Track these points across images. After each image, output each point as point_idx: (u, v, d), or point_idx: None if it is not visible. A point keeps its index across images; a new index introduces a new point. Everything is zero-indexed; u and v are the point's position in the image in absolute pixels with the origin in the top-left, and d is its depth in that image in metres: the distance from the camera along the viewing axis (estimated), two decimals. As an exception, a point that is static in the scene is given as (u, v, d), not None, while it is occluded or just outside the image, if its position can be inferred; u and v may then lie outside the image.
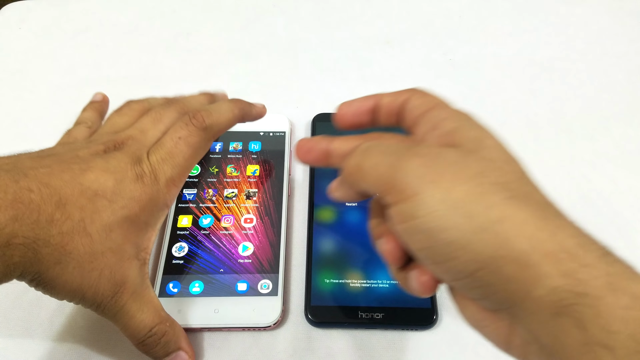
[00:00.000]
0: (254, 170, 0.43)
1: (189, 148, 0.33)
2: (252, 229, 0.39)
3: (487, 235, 0.20)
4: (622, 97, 0.49)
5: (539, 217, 0.21)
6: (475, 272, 0.21)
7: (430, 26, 0.56)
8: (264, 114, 0.40)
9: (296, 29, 0.56)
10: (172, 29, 0.56)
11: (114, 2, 0.59)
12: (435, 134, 0.25)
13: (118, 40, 0.55)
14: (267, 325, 0.35)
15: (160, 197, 0.32)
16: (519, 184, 0.22)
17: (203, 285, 0.37)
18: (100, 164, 0.31)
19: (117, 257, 0.30)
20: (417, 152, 0.23)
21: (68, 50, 0.54)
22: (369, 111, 0.29)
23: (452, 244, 0.21)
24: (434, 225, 0.21)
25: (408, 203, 0.22)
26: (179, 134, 0.33)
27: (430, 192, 0.21)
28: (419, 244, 0.22)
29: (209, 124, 0.35)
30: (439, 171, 0.22)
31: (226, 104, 0.37)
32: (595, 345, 0.18)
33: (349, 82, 0.51)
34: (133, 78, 0.51)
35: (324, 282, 0.37)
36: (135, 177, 0.31)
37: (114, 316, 0.30)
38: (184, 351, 0.33)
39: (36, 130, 0.47)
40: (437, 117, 0.26)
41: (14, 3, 0.58)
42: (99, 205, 0.29)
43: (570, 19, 0.56)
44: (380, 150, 0.25)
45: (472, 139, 0.24)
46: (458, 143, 0.24)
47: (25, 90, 0.51)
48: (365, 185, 0.25)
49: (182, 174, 0.33)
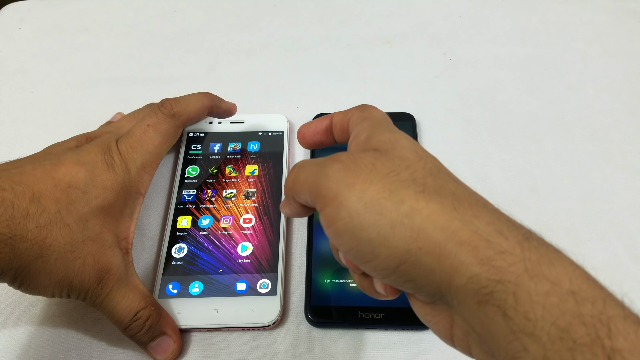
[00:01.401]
0: (252, 170, 0.43)
1: (158, 134, 0.34)
2: (251, 229, 0.39)
3: (402, 229, 0.21)
4: (622, 97, 0.49)
5: (452, 207, 0.21)
6: (398, 267, 0.22)
7: (430, 26, 0.56)
8: (234, 112, 0.42)
9: (296, 29, 0.56)
10: (172, 29, 0.56)
11: (114, 2, 0.59)
12: (355, 143, 0.27)
13: (118, 40, 0.55)
14: (267, 325, 0.35)
15: (132, 184, 0.33)
16: (431, 179, 0.23)
17: (202, 286, 0.37)
18: (72, 156, 0.31)
19: (97, 245, 0.31)
20: (337, 158, 0.25)
21: (68, 50, 0.54)
22: (325, 130, 0.31)
23: (372, 241, 0.22)
24: (354, 225, 0.22)
25: (331, 207, 0.23)
26: (148, 122, 0.35)
27: (348, 194, 0.22)
28: (345, 246, 0.23)
29: (177, 110, 0.36)
30: (355, 174, 0.23)
31: (195, 94, 0.39)
32: (519, 332, 0.19)
33: (349, 82, 0.51)
34: (133, 78, 0.51)
35: (324, 282, 0.37)
36: (106, 166, 0.32)
37: (101, 303, 0.31)
38: (168, 336, 0.34)
39: (36, 130, 0.47)
40: (359, 127, 0.28)
41: (14, 3, 0.58)
42: (73, 196, 0.30)
43: (570, 19, 0.56)
44: (312, 162, 0.26)
45: (385, 141, 0.25)
46: (374, 147, 0.25)
47: (25, 90, 0.51)
48: (302, 196, 0.26)
49: (153, 160, 0.34)
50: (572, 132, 0.46)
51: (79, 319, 0.36)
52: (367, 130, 0.27)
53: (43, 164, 0.30)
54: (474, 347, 0.23)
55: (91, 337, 0.36)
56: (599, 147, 0.45)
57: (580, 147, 0.45)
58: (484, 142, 0.46)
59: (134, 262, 0.39)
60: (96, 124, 0.47)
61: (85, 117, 0.48)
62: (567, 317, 0.18)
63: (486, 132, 0.47)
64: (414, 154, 0.24)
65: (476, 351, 0.22)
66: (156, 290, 0.37)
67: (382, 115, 0.29)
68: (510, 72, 0.51)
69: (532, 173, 0.44)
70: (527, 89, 0.50)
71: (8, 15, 0.57)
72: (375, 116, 0.28)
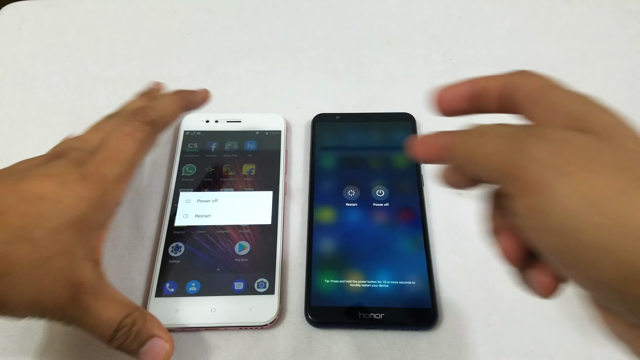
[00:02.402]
0: (250, 169, 0.43)
1: (136, 143, 0.33)
2: (248, 228, 0.39)
3: (635, 242, 0.17)
4: (622, 97, 0.49)
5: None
6: (619, 283, 0.18)
7: (430, 26, 0.56)
8: (208, 98, 0.40)
9: (296, 29, 0.56)
10: (172, 29, 0.56)
11: (114, 2, 0.59)
12: (558, 119, 0.22)
13: (118, 40, 0.55)
14: (264, 324, 0.35)
15: (108, 194, 0.31)
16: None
17: (200, 285, 0.37)
18: (40, 171, 0.30)
19: (68, 259, 0.29)
20: (540, 134, 0.20)
21: (68, 50, 0.54)
22: (471, 97, 0.26)
23: (590, 248, 0.18)
24: (569, 225, 0.18)
25: (536, 196, 0.19)
26: (124, 131, 0.33)
27: (563, 184, 0.18)
28: (549, 245, 0.20)
29: (154, 118, 0.34)
30: (570, 159, 0.19)
31: (167, 96, 0.37)
32: None
33: (349, 82, 0.51)
34: (133, 78, 0.51)
35: (324, 282, 0.37)
36: (79, 177, 0.30)
37: (80, 319, 0.29)
38: (158, 337, 0.32)
39: (36, 130, 0.47)
40: (558, 99, 0.22)
41: (14, 3, 0.59)
42: (42, 209, 0.28)
43: (570, 19, 0.56)
44: (499, 132, 0.22)
45: (603, 124, 0.21)
46: (586, 128, 0.21)
47: (25, 90, 0.51)
48: (482, 172, 0.22)
49: (130, 169, 0.33)
50: (571, 132, 0.46)
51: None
52: (577, 105, 0.22)
53: (7, 180, 0.29)
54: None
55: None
56: (599, 147, 0.45)
57: (579, 147, 0.45)
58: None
59: (131, 261, 0.39)
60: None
61: (85, 117, 0.48)
62: None
63: (485, 132, 0.46)
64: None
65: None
66: (153, 289, 0.37)
67: (576, 91, 0.23)
68: (510, 72, 0.51)
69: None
70: (527, 89, 0.50)
71: (8, 15, 0.57)
72: (569, 90, 0.23)
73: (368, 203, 0.41)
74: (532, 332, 0.35)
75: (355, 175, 0.42)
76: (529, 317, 0.36)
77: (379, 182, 0.42)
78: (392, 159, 0.43)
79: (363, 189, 0.41)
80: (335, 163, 0.43)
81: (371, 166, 0.43)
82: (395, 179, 0.42)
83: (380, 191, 0.41)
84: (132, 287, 0.38)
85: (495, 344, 0.35)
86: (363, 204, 0.41)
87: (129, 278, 0.38)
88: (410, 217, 0.40)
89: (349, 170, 0.43)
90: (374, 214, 0.40)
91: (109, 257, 0.39)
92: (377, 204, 0.41)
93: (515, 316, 0.36)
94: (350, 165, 0.43)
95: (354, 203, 0.41)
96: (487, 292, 0.37)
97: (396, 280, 0.37)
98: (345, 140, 0.45)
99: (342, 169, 0.43)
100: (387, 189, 0.41)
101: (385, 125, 0.46)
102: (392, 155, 0.43)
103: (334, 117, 0.46)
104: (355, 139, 0.45)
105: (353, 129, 0.45)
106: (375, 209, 0.40)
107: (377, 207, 0.40)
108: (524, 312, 0.36)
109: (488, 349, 0.35)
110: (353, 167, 0.43)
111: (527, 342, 0.35)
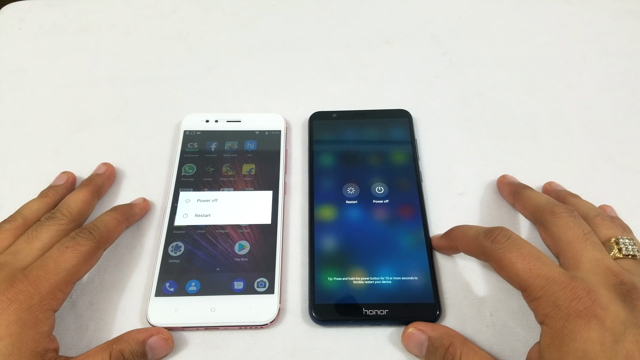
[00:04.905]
0: (249, 169, 0.43)
1: (77, 254, 0.33)
2: (248, 228, 0.39)
3: None
4: (622, 97, 0.49)
5: None
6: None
7: (430, 26, 0.56)
8: (148, 208, 0.42)
9: (296, 29, 0.56)
10: (172, 29, 0.56)
11: (114, 2, 0.59)
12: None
13: (118, 40, 0.55)
14: (264, 324, 0.35)
15: (43, 306, 0.31)
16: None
17: (199, 284, 0.37)
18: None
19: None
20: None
21: (68, 50, 0.54)
22: (451, 248, 0.37)
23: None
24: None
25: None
26: (66, 244, 0.34)
27: None
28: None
29: (97, 235, 0.35)
30: None
31: (107, 213, 0.38)
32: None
33: (349, 82, 0.51)
34: (133, 78, 0.51)
35: (327, 280, 0.37)
36: (7, 302, 0.30)
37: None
38: (151, 340, 0.33)
39: (36, 130, 0.47)
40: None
41: (14, 3, 0.59)
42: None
43: (570, 19, 0.56)
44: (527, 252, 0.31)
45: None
46: None
47: (25, 90, 0.51)
48: (507, 280, 0.31)
49: (69, 280, 0.33)
50: (571, 132, 0.46)
51: (77, 320, 0.36)
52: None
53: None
54: None
55: (90, 339, 0.36)
56: (598, 147, 0.45)
57: (579, 147, 0.45)
58: (484, 142, 0.46)
59: (131, 260, 0.39)
60: (96, 123, 0.47)
61: (85, 117, 0.48)
62: None
63: (486, 132, 0.47)
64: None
65: None
66: (153, 289, 0.37)
67: None
68: (510, 72, 0.51)
69: (531, 172, 0.43)
70: (527, 89, 0.50)
71: (8, 15, 0.57)
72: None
73: (368, 200, 0.41)
74: (532, 332, 0.35)
75: (354, 172, 0.42)
76: (529, 316, 0.36)
77: (378, 179, 0.42)
78: (390, 156, 0.43)
79: (362, 186, 0.42)
80: (334, 161, 0.43)
81: (370, 163, 0.43)
82: (394, 176, 0.42)
83: (380, 188, 0.41)
84: (131, 286, 0.38)
85: (495, 343, 0.35)
86: (363, 201, 0.41)
87: (128, 277, 0.38)
88: (411, 213, 0.40)
89: (348, 167, 0.43)
90: (374, 211, 0.40)
91: (109, 257, 0.39)
92: (377, 201, 0.41)
93: (516, 315, 0.36)
94: (348, 163, 0.43)
95: (354, 200, 0.41)
96: (487, 291, 0.37)
97: (399, 276, 0.37)
98: (342, 138, 0.45)
99: (341, 167, 0.43)
100: (386, 185, 0.41)
101: (382, 122, 0.46)
102: (390, 151, 0.44)
103: (330, 115, 0.46)
104: (352, 136, 0.45)
105: (350, 127, 0.46)
106: (375, 205, 0.40)
107: (377, 204, 0.40)
108: (525, 312, 0.36)
109: (490, 343, 0.35)
110: (352, 164, 0.43)
111: (529, 341, 0.35)
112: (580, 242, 0.32)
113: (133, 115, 0.48)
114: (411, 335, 0.34)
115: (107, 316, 0.36)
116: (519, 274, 0.30)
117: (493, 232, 0.32)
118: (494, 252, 0.31)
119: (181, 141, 0.44)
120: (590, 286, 0.28)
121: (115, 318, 0.36)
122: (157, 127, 0.47)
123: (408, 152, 0.44)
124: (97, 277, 0.38)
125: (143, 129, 0.47)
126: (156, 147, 0.46)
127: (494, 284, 0.37)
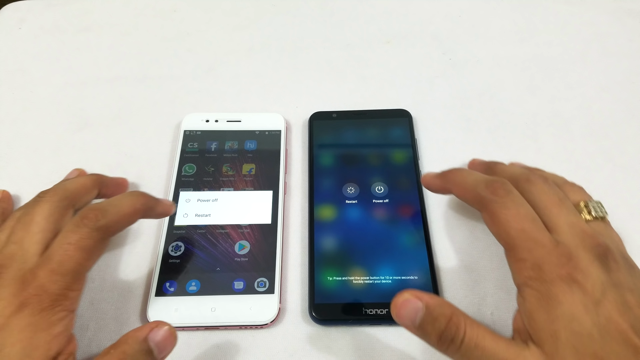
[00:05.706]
0: (249, 169, 0.43)
1: (82, 252, 0.31)
2: (248, 228, 0.39)
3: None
4: (622, 97, 0.49)
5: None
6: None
7: (430, 26, 0.56)
8: (170, 213, 0.37)
9: (296, 29, 0.56)
10: (172, 29, 0.56)
11: (114, 2, 0.59)
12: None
13: (118, 40, 0.55)
14: (264, 324, 0.35)
15: (55, 308, 0.30)
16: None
17: (200, 284, 0.37)
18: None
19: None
20: None
21: (68, 50, 0.54)
22: (444, 189, 0.37)
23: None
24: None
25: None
26: (69, 240, 0.31)
27: None
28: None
29: (104, 223, 0.31)
30: None
31: (126, 198, 0.34)
32: None
33: (349, 81, 0.51)
34: (133, 78, 0.51)
35: (327, 279, 0.37)
36: (19, 306, 0.29)
37: None
38: (152, 336, 0.30)
39: (36, 130, 0.47)
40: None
41: (14, 3, 0.59)
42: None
43: (570, 19, 0.56)
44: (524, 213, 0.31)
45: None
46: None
47: (25, 90, 0.51)
48: (495, 234, 0.32)
49: (78, 278, 0.31)
50: (571, 132, 0.46)
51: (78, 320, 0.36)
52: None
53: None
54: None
55: (91, 338, 0.36)
56: (598, 147, 0.45)
57: (579, 147, 0.45)
58: (484, 142, 0.46)
59: (131, 260, 0.39)
60: (96, 123, 0.47)
61: (85, 117, 0.48)
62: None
63: (486, 132, 0.47)
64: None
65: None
66: (153, 288, 0.37)
67: None
68: (510, 72, 0.51)
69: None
70: (527, 89, 0.50)
71: (8, 15, 0.57)
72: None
73: (368, 200, 0.41)
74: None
75: (354, 172, 0.42)
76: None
77: (378, 179, 0.42)
78: (390, 155, 0.43)
79: (362, 185, 0.42)
80: (334, 161, 0.43)
81: (370, 163, 0.43)
82: (393, 175, 0.42)
83: (380, 187, 0.41)
84: (132, 286, 0.38)
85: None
86: (363, 200, 0.41)
87: (129, 277, 0.38)
88: (410, 212, 0.40)
89: (348, 167, 0.43)
90: (374, 210, 0.40)
91: (109, 257, 0.39)
92: (377, 200, 0.41)
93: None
94: (348, 163, 0.43)
95: (354, 200, 0.41)
96: (487, 290, 0.37)
97: (398, 276, 0.37)
98: (342, 138, 0.45)
99: (341, 167, 0.43)
100: (386, 185, 0.41)
101: (382, 122, 0.46)
102: (390, 151, 0.44)
103: (330, 115, 0.47)
104: (352, 136, 0.45)
105: (350, 126, 0.46)
106: (375, 205, 0.40)
107: (377, 204, 0.41)
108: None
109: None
110: (352, 164, 0.43)
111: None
112: (556, 206, 0.32)
113: (133, 115, 0.48)
114: (406, 302, 0.29)
115: (107, 316, 0.36)
116: (509, 233, 0.30)
117: (494, 183, 0.32)
118: (491, 205, 0.31)
119: (181, 141, 0.45)
120: (571, 251, 0.29)
121: (115, 318, 0.36)
122: (157, 126, 0.47)
123: (408, 151, 0.44)
124: (97, 277, 0.38)
125: (143, 128, 0.47)
126: (156, 147, 0.46)
127: (494, 283, 0.37)
